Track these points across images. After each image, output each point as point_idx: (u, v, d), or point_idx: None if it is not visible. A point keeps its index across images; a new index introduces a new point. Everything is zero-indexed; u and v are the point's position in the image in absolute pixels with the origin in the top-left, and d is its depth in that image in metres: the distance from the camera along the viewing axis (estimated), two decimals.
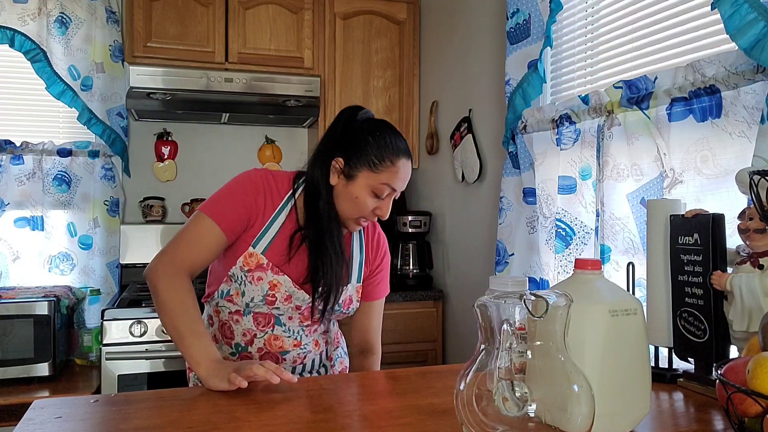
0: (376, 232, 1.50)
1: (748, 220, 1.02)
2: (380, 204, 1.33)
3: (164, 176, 3.02)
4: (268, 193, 1.33)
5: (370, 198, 1.32)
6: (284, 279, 1.32)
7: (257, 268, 1.31)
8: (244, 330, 1.36)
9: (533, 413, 0.70)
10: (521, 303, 0.71)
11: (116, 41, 2.79)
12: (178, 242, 1.29)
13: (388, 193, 1.32)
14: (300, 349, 1.38)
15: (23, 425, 0.90)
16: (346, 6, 2.94)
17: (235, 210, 1.30)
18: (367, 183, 1.31)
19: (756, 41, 1.17)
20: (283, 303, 1.33)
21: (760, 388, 0.74)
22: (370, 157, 1.31)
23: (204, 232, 1.29)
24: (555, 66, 2.05)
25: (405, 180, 1.35)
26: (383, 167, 1.31)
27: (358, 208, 1.33)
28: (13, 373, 2.18)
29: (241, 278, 1.32)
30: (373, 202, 1.32)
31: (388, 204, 1.34)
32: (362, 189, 1.31)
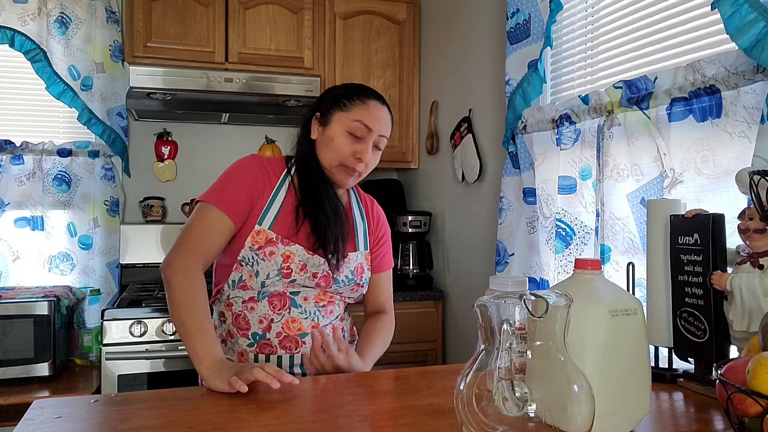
0: (374, 206, 1.56)
1: (748, 220, 1.02)
2: (359, 147, 1.36)
3: (164, 176, 3.02)
4: (265, 174, 1.38)
5: (345, 138, 1.37)
6: (296, 248, 1.34)
7: (267, 244, 1.33)
8: (260, 317, 1.36)
9: (533, 413, 0.70)
10: (521, 303, 0.71)
11: (116, 41, 2.79)
12: (188, 235, 1.31)
13: (365, 134, 1.36)
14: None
15: (23, 425, 0.90)
16: (346, 6, 2.94)
17: (237, 194, 1.33)
18: (341, 123, 1.37)
19: (756, 41, 1.17)
20: (299, 273, 1.34)
21: (760, 388, 0.74)
22: (340, 100, 1.40)
23: (211, 220, 1.31)
24: (555, 66, 2.05)
25: (381, 121, 1.39)
26: (353, 105, 1.38)
27: (337, 151, 1.37)
28: (13, 373, 2.18)
29: (252, 259, 1.33)
30: (349, 143, 1.36)
31: (368, 148, 1.37)
32: (337, 130, 1.37)
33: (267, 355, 1.36)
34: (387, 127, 1.42)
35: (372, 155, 1.40)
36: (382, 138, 1.41)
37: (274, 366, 1.09)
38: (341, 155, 1.37)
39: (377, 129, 1.38)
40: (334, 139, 1.37)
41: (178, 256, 1.29)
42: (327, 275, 1.37)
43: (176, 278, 1.25)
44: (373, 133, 1.38)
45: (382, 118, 1.40)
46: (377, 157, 1.44)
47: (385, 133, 1.41)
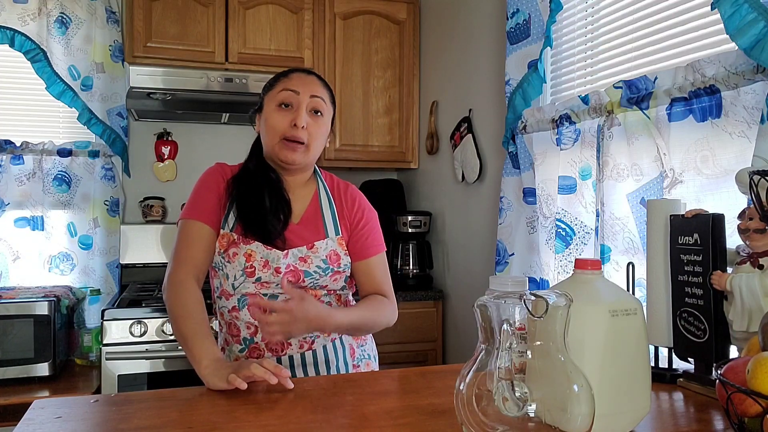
0: (349, 189, 1.50)
1: (748, 220, 1.02)
2: (292, 114, 1.34)
3: (164, 176, 3.02)
4: (225, 179, 1.40)
5: (278, 113, 1.36)
6: (255, 245, 1.34)
7: (230, 245, 1.34)
8: (246, 323, 1.37)
9: (533, 413, 0.70)
10: (521, 303, 0.71)
11: (116, 41, 2.79)
12: (174, 252, 1.36)
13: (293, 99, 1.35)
14: None
15: (23, 425, 0.90)
16: (346, 6, 2.94)
17: (206, 201, 1.37)
18: (270, 103, 1.37)
19: (756, 41, 1.17)
20: (263, 270, 1.33)
21: (760, 388, 0.74)
22: (267, 85, 1.42)
23: (191, 232, 1.35)
24: (555, 66, 2.05)
25: (306, 83, 1.37)
26: (277, 82, 1.39)
27: (273, 128, 1.35)
28: (13, 373, 2.18)
29: (221, 263, 1.35)
30: (282, 115, 1.35)
31: (301, 113, 1.34)
32: (269, 109, 1.38)
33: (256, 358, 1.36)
34: (317, 88, 1.38)
35: (313, 122, 1.36)
36: (318, 99, 1.37)
37: (272, 362, 1.09)
38: (278, 129, 1.35)
39: (305, 91, 1.36)
40: (268, 118, 1.37)
41: (169, 274, 1.33)
42: (295, 269, 1.34)
43: (169, 293, 1.30)
44: (302, 96, 1.35)
45: (307, 81, 1.38)
46: (321, 124, 1.38)
47: (317, 93, 1.37)
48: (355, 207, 1.48)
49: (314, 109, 1.37)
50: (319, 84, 1.40)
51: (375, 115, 3.01)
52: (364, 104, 2.98)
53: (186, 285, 1.30)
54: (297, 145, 1.35)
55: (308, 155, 1.38)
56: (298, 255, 1.36)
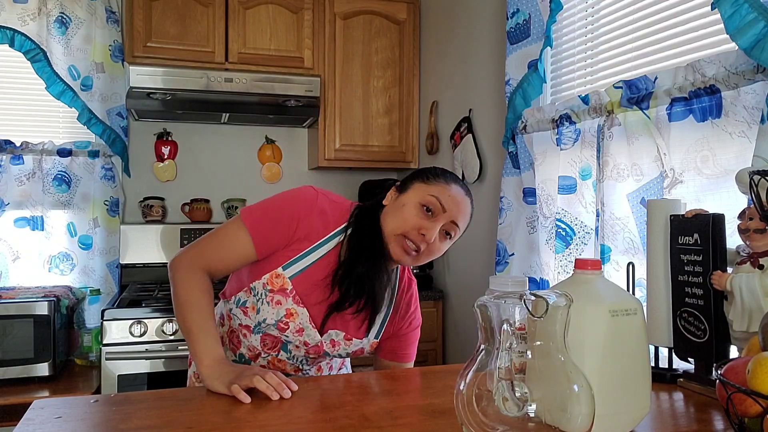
0: (411, 290, 1.44)
1: (748, 220, 1.02)
2: (427, 223, 1.24)
3: (164, 176, 3.02)
4: (320, 219, 1.28)
5: (417, 209, 1.24)
6: (302, 311, 1.27)
7: (279, 291, 1.26)
8: (249, 346, 1.33)
9: (533, 413, 0.70)
10: (521, 303, 0.71)
11: (116, 41, 2.79)
12: (209, 241, 1.27)
13: (438, 211, 1.24)
14: (301, 374, 1.37)
15: (23, 425, 0.90)
16: (346, 6, 2.94)
17: (275, 229, 1.25)
18: (417, 193, 1.26)
19: (756, 41, 1.17)
20: (294, 334, 1.28)
21: (760, 388, 0.74)
22: (425, 173, 1.30)
23: (236, 239, 1.25)
24: (555, 66, 2.05)
25: (458, 205, 1.26)
26: (436, 181, 1.27)
27: (404, 219, 1.25)
28: (13, 373, 2.18)
29: (261, 295, 1.27)
30: (419, 215, 1.24)
31: (435, 227, 1.23)
32: (411, 198, 1.26)
33: None
34: (463, 215, 1.28)
35: (439, 241, 1.27)
36: (455, 227, 1.27)
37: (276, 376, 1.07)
38: (407, 224, 1.24)
39: (452, 211, 1.25)
40: (405, 206, 1.26)
41: (187, 255, 1.26)
42: (319, 346, 1.31)
43: (181, 276, 1.23)
44: (446, 214, 1.25)
45: (461, 204, 1.27)
46: (443, 246, 1.29)
47: (459, 221, 1.27)
48: (410, 311, 1.43)
49: (447, 231, 1.27)
50: (467, 211, 1.29)
51: (375, 115, 3.01)
52: (364, 104, 2.98)
53: (200, 275, 1.24)
54: (412, 248, 1.25)
55: (414, 262, 1.29)
56: (332, 337, 1.31)
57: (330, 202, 1.30)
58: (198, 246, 1.27)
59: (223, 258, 1.26)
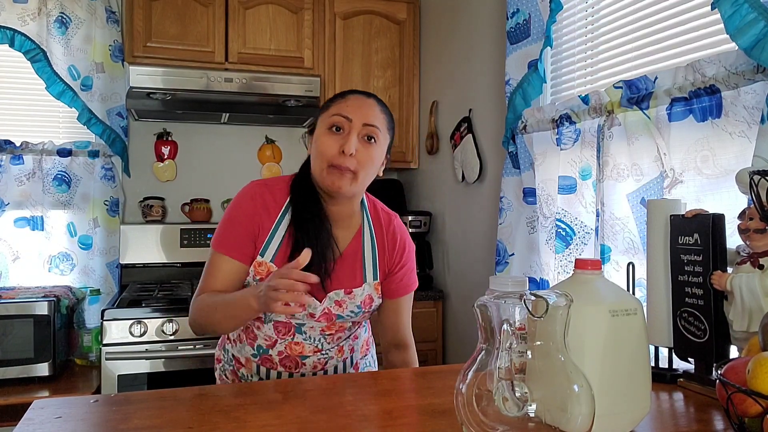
0: (392, 226, 1.43)
1: (748, 220, 1.02)
2: (342, 140, 1.26)
3: (164, 176, 3.02)
4: (264, 206, 1.32)
5: (328, 136, 1.27)
6: None
7: (267, 276, 1.28)
8: (265, 336, 1.35)
9: (533, 413, 0.70)
10: (521, 303, 0.71)
11: (116, 41, 2.79)
12: (202, 282, 1.34)
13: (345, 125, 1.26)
14: (321, 354, 1.36)
15: (23, 425, 0.90)
16: (346, 6, 2.94)
17: (238, 235, 1.31)
18: (322, 125, 1.30)
19: (756, 41, 1.17)
20: None
21: (760, 388, 0.74)
22: (324, 106, 1.34)
23: (219, 265, 1.32)
24: (555, 66, 2.05)
25: (362, 109, 1.28)
26: (333, 103, 1.31)
27: (322, 152, 1.27)
28: (13, 373, 2.18)
29: None
30: (332, 139, 1.26)
31: (351, 139, 1.25)
32: (319, 132, 1.30)
33: (268, 369, 1.36)
34: (372, 115, 1.28)
35: (364, 149, 1.27)
36: (372, 128, 1.27)
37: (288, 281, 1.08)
38: (326, 154, 1.26)
39: (358, 117, 1.26)
40: (317, 140, 1.29)
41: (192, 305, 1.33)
42: (329, 312, 1.32)
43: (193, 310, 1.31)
44: (354, 122, 1.26)
45: (364, 107, 1.28)
46: (372, 152, 1.28)
47: (371, 122, 1.27)
48: (398, 246, 1.42)
49: (367, 135, 1.27)
50: (376, 109, 1.30)
51: None
52: None
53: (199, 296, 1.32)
54: (344, 171, 1.25)
55: (356, 185, 1.28)
56: (334, 299, 1.32)
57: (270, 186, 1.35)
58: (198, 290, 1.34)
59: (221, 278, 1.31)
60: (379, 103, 1.32)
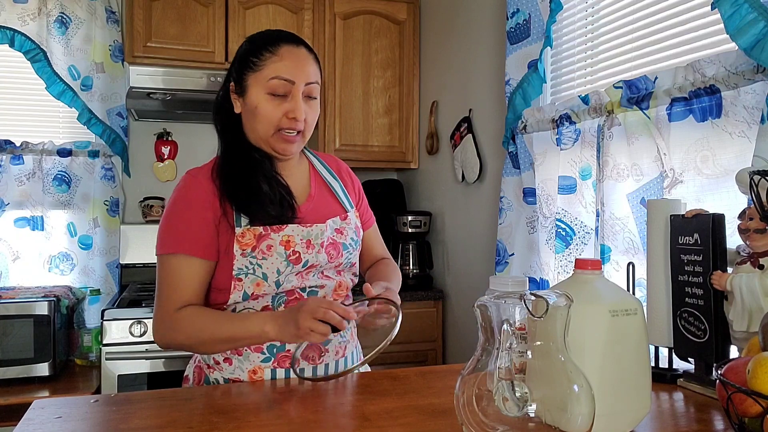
0: (338, 162, 1.45)
1: (748, 220, 1.02)
2: (288, 106, 1.19)
3: (164, 176, 3.02)
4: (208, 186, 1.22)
5: (268, 102, 1.19)
6: (290, 229, 1.20)
7: (260, 240, 1.18)
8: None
9: (533, 413, 0.70)
10: (521, 303, 0.71)
11: (116, 41, 2.79)
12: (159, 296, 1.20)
13: (288, 89, 1.19)
14: (341, 336, 1.27)
15: (23, 425, 0.90)
16: (346, 6, 2.94)
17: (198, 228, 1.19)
18: (258, 87, 1.20)
19: (756, 41, 1.17)
20: (308, 252, 1.21)
21: (760, 388, 0.74)
22: (248, 60, 1.22)
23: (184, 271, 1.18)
24: (555, 66, 2.05)
25: (301, 67, 1.20)
26: (264, 60, 1.20)
27: (266, 120, 1.20)
28: (13, 373, 2.18)
29: (252, 265, 1.18)
30: (276, 105, 1.19)
31: (298, 104, 1.19)
32: (256, 96, 1.20)
33: (287, 369, 1.21)
34: (312, 71, 1.22)
35: (308, 108, 1.22)
36: (313, 85, 1.22)
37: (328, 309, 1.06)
38: (272, 120, 1.20)
39: (300, 78, 1.19)
40: (257, 107, 1.20)
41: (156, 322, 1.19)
42: (334, 242, 1.26)
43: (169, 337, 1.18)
44: (297, 84, 1.19)
45: (301, 63, 1.21)
46: (316, 108, 1.25)
47: (312, 79, 1.21)
48: (352, 176, 1.45)
49: (309, 95, 1.23)
50: (312, 62, 1.23)
51: (375, 115, 3.01)
52: (364, 104, 2.98)
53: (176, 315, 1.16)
54: (294, 136, 1.22)
55: (304, 142, 1.27)
56: (334, 227, 1.28)
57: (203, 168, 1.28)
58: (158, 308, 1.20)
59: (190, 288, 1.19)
60: (309, 51, 1.25)
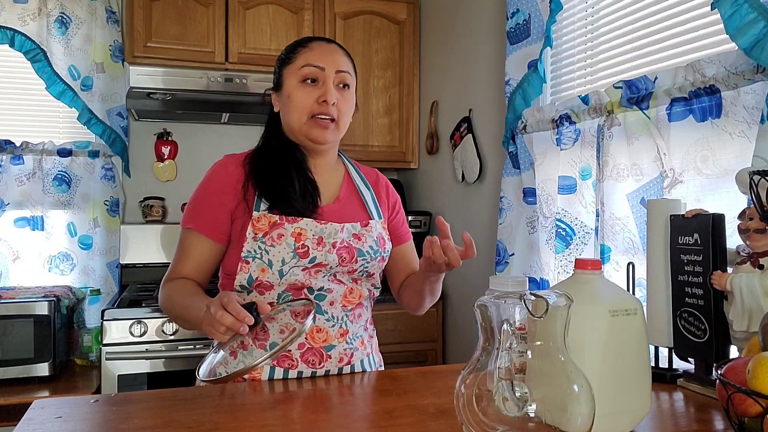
0: (377, 173, 1.46)
1: (748, 220, 1.02)
2: (320, 91, 1.26)
3: (164, 176, 3.02)
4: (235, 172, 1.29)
5: (301, 89, 1.26)
6: (304, 222, 1.23)
7: (273, 227, 1.21)
8: (282, 326, 1.20)
9: (533, 413, 0.70)
10: (521, 303, 0.71)
11: (116, 41, 2.79)
12: (174, 258, 1.30)
13: (319, 75, 1.26)
14: (346, 342, 1.25)
15: (23, 425, 0.90)
16: (346, 6, 2.94)
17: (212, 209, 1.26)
18: (292, 77, 1.28)
19: (756, 41, 1.17)
20: (317, 249, 1.22)
21: (760, 388, 0.74)
22: (284, 58, 1.31)
23: (190, 242, 1.27)
24: (555, 66, 2.05)
25: (331, 55, 1.28)
26: (297, 54, 1.29)
27: (299, 105, 1.26)
28: (13, 373, 2.18)
29: (260, 249, 1.21)
30: (308, 91, 1.26)
31: (329, 88, 1.25)
32: (291, 85, 1.28)
33: (286, 369, 1.21)
34: (342, 61, 1.30)
35: (342, 97, 1.28)
36: (344, 74, 1.28)
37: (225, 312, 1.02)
38: (305, 106, 1.26)
39: (330, 65, 1.27)
40: (291, 95, 1.27)
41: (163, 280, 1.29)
42: (349, 245, 1.25)
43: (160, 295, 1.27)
44: (327, 71, 1.26)
45: (331, 53, 1.29)
46: (349, 98, 1.30)
47: (343, 68, 1.28)
48: (390, 191, 1.44)
49: (341, 82, 1.28)
50: (342, 55, 1.31)
51: (375, 115, 3.01)
52: (364, 104, 2.98)
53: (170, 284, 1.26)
54: (328, 122, 1.26)
55: (338, 132, 1.30)
56: (352, 231, 1.27)
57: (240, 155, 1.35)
58: (168, 274, 1.29)
59: (193, 261, 1.27)
60: (341, 47, 1.34)
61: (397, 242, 1.42)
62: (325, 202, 1.30)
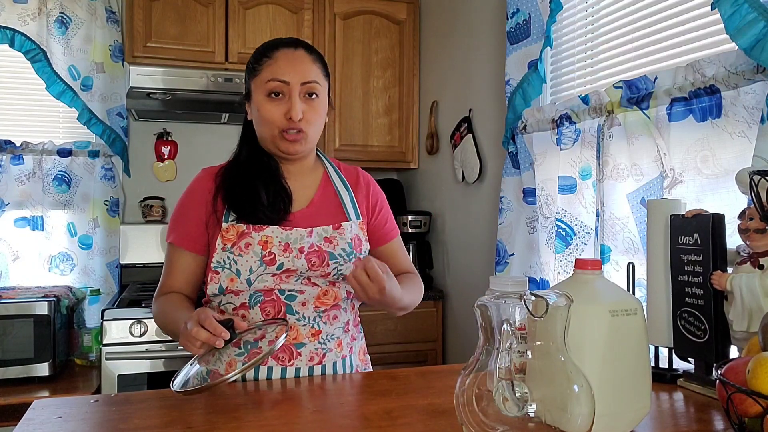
0: (359, 172, 1.44)
1: (748, 220, 1.02)
2: (285, 107, 1.24)
3: (164, 176, 3.02)
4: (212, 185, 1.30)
5: (269, 104, 1.25)
6: (270, 230, 1.23)
7: (241, 237, 1.23)
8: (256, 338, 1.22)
9: (533, 413, 0.70)
10: (521, 303, 0.71)
11: (116, 41, 2.79)
12: (161, 278, 1.34)
13: (283, 89, 1.24)
14: (318, 342, 1.24)
15: (23, 425, 0.90)
16: (346, 6, 2.94)
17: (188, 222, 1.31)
18: (259, 91, 1.26)
19: (756, 41, 1.17)
20: (284, 255, 1.22)
21: (760, 388, 0.74)
22: (251, 67, 1.30)
23: (173, 257, 1.33)
24: (555, 66, 2.05)
25: (295, 67, 1.25)
26: (262, 65, 1.27)
27: (267, 121, 1.25)
28: (13, 373, 2.18)
29: (229, 260, 1.23)
30: (275, 106, 1.24)
31: (294, 104, 1.23)
32: (258, 99, 1.26)
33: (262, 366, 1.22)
34: (308, 71, 1.26)
35: (309, 108, 1.26)
36: (311, 84, 1.25)
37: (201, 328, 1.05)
38: (273, 121, 1.24)
39: (295, 77, 1.24)
40: (259, 108, 1.26)
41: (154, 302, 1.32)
42: (319, 249, 1.24)
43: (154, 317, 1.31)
44: (292, 84, 1.24)
45: (296, 63, 1.25)
46: (317, 106, 1.27)
47: (309, 78, 1.25)
48: (371, 190, 1.42)
49: (308, 92, 1.26)
50: (310, 62, 1.27)
51: (375, 115, 3.01)
52: (364, 104, 2.98)
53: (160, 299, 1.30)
54: (296, 135, 1.25)
55: (309, 142, 1.29)
56: (323, 235, 1.26)
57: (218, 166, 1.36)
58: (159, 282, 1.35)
59: (179, 275, 1.31)
60: (309, 52, 1.29)
61: (380, 242, 1.42)
62: (298, 207, 1.30)
